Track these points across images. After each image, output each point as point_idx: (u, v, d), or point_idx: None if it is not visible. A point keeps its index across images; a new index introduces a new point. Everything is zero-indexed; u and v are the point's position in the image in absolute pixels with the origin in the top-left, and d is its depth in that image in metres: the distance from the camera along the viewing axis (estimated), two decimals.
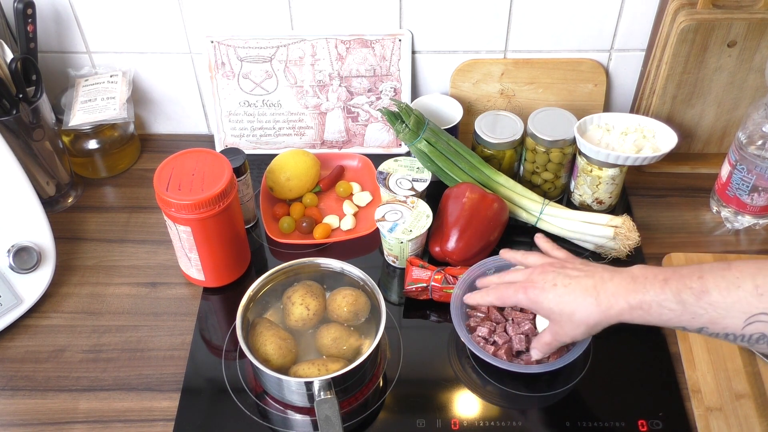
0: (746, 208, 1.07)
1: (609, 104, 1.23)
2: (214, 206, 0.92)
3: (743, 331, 0.67)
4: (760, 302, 0.66)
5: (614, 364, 0.93)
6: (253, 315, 0.92)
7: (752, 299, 0.66)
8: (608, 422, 0.87)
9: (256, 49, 1.15)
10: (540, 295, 0.80)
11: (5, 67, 1.04)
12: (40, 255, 1.00)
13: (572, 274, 0.80)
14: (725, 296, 0.67)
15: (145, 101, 1.25)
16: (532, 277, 0.83)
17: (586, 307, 0.77)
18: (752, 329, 0.66)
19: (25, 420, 0.89)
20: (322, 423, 0.80)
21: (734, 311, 0.67)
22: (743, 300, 0.66)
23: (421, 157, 1.08)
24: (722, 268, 0.69)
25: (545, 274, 0.81)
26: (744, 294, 0.66)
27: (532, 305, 0.82)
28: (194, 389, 0.92)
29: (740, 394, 0.88)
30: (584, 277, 0.79)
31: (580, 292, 0.77)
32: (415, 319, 1.00)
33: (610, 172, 1.06)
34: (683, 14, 1.03)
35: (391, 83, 1.18)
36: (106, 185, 1.20)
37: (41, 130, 1.08)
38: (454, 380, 0.92)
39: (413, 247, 1.02)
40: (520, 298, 0.82)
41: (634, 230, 1.01)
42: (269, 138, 1.24)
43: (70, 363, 0.95)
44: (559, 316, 0.79)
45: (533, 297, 0.81)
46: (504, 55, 1.17)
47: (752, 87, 1.10)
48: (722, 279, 0.68)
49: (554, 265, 0.83)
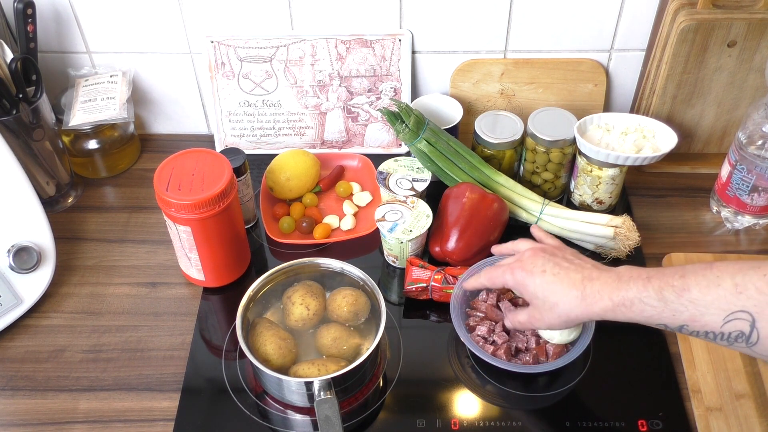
0: (746, 208, 1.07)
1: (609, 104, 1.23)
2: (214, 206, 0.92)
3: (722, 329, 0.67)
4: (739, 300, 0.66)
5: (614, 364, 0.93)
6: (253, 315, 0.92)
7: (731, 297, 0.67)
8: (608, 422, 0.87)
9: (256, 49, 1.15)
10: (527, 277, 0.81)
11: (5, 67, 1.04)
12: (40, 255, 1.00)
13: (562, 264, 0.80)
14: (705, 294, 0.68)
15: (145, 101, 1.25)
16: (522, 258, 0.83)
17: (570, 300, 0.77)
18: (731, 327, 0.67)
19: (25, 420, 0.89)
20: (322, 423, 0.80)
21: (713, 308, 0.67)
22: (722, 298, 0.67)
23: (421, 157, 1.08)
24: (704, 267, 0.70)
25: (535, 258, 0.82)
26: (723, 292, 0.67)
27: (518, 286, 0.82)
28: (194, 389, 0.92)
29: (740, 394, 0.88)
30: (573, 270, 0.79)
31: (568, 283, 0.78)
32: (415, 319, 1.00)
33: (610, 172, 1.06)
34: (683, 14, 1.03)
35: (391, 83, 1.18)
36: (106, 185, 1.20)
37: (41, 130, 1.08)
38: (454, 380, 0.92)
39: (413, 247, 1.02)
40: (507, 279, 0.83)
41: (634, 230, 1.01)
42: (269, 138, 1.24)
43: (70, 363, 0.95)
44: (542, 303, 0.80)
45: (520, 278, 0.81)
46: (504, 55, 1.17)
47: (752, 87, 1.10)
48: (703, 277, 0.69)
49: (546, 251, 0.83)
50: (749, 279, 0.66)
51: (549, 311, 0.79)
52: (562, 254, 0.82)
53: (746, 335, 0.67)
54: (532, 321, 0.83)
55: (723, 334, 0.68)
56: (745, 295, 0.66)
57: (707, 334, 0.69)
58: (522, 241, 0.89)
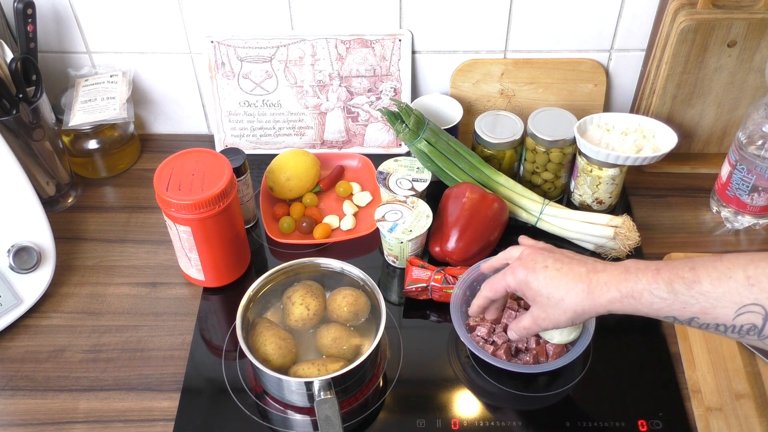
0: (746, 208, 1.07)
1: (609, 104, 1.23)
2: (214, 206, 0.92)
3: (734, 322, 0.66)
4: (751, 292, 0.65)
5: (614, 364, 0.93)
6: (253, 315, 0.92)
7: (743, 290, 0.66)
8: (608, 422, 0.87)
9: (256, 49, 1.15)
10: (529, 275, 0.78)
11: (5, 67, 1.04)
12: (40, 255, 1.00)
13: (564, 259, 0.78)
14: (716, 286, 0.67)
15: (145, 101, 1.25)
16: (521, 257, 0.80)
17: (576, 293, 0.75)
18: (743, 320, 0.66)
19: (25, 420, 0.89)
20: (322, 423, 0.80)
21: (725, 301, 0.66)
22: (734, 290, 0.66)
23: (421, 157, 1.08)
24: (714, 259, 0.69)
25: (535, 255, 0.79)
26: (735, 284, 0.66)
27: (521, 286, 0.79)
28: (194, 389, 0.92)
29: (740, 394, 0.88)
30: (577, 263, 0.77)
31: (573, 276, 0.76)
32: (415, 319, 1.00)
33: (610, 172, 1.06)
34: (683, 14, 1.03)
35: (391, 83, 1.18)
36: (106, 185, 1.20)
37: (41, 130, 1.08)
38: (454, 380, 0.92)
39: (413, 247, 1.02)
40: (509, 281, 0.80)
41: (634, 230, 1.01)
42: (269, 138, 1.24)
43: (70, 363, 0.95)
44: (547, 299, 0.77)
45: (521, 277, 0.79)
46: (504, 55, 1.17)
47: (752, 87, 1.10)
48: (714, 269, 0.68)
49: (545, 248, 0.81)
50: (762, 271, 0.65)
51: (555, 307, 0.77)
52: (560, 251, 0.81)
53: (758, 328, 0.66)
54: (537, 322, 0.80)
55: (735, 327, 0.67)
56: (758, 287, 0.65)
57: (718, 327, 0.68)
58: (513, 248, 0.85)
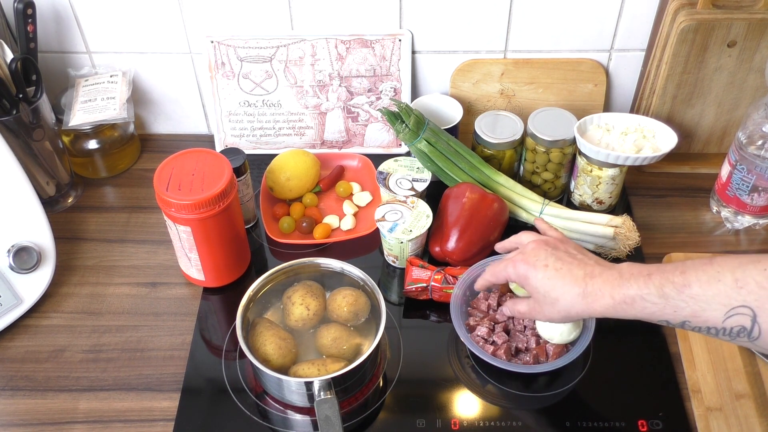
0: (746, 208, 1.07)
1: (609, 104, 1.23)
2: (214, 206, 0.92)
3: (724, 324, 0.67)
4: (740, 295, 0.66)
5: (614, 364, 0.93)
6: (253, 315, 0.92)
7: (732, 292, 0.67)
8: (608, 422, 0.87)
9: (256, 49, 1.15)
10: (530, 270, 0.80)
11: (5, 67, 1.04)
12: (40, 255, 1.00)
13: (565, 259, 0.80)
14: (706, 289, 0.68)
15: (145, 101, 1.25)
16: (525, 251, 0.83)
17: (572, 296, 0.77)
18: (732, 322, 0.67)
19: (25, 420, 0.89)
20: (322, 423, 0.80)
21: (714, 304, 0.67)
22: (723, 293, 0.67)
23: (421, 157, 1.08)
24: (704, 263, 0.70)
25: (538, 251, 0.82)
26: (724, 287, 0.67)
27: (520, 279, 0.82)
28: (194, 389, 0.92)
29: (740, 394, 0.88)
30: (576, 265, 0.79)
31: (570, 279, 0.78)
32: (415, 319, 1.00)
33: (610, 172, 1.06)
34: (683, 14, 1.03)
35: (391, 83, 1.18)
36: (106, 185, 1.20)
37: (41, 130, 1.08)
38: (454, 380, 0.92)
39: (413, 247, 1.02)
40: (510, 272, 0.83)
41: (634, 230, 1.01)
42: (269, 138, 1.24)
43: (70, 363, 0.95)
44: (543, 297, 0.80)
45: (522, 271, 0.81)
46: (504, 55, 1.17)
47: (752, 87, 1.10)
48: (703, 273, 0.69)
49: (548, 243, 0.83)
50: (749, 273, 0.66)
51: (550, 306, 0.79)
52: (564, 248, 0.82)
53: (748, 330, 0.66)
54: (532, 312, 0.83)
55: (725, 329, 0.68)
56: (746, 290, 0.66)
57: (709, 330, 0.69)
58: (525, 234, 0.88)
